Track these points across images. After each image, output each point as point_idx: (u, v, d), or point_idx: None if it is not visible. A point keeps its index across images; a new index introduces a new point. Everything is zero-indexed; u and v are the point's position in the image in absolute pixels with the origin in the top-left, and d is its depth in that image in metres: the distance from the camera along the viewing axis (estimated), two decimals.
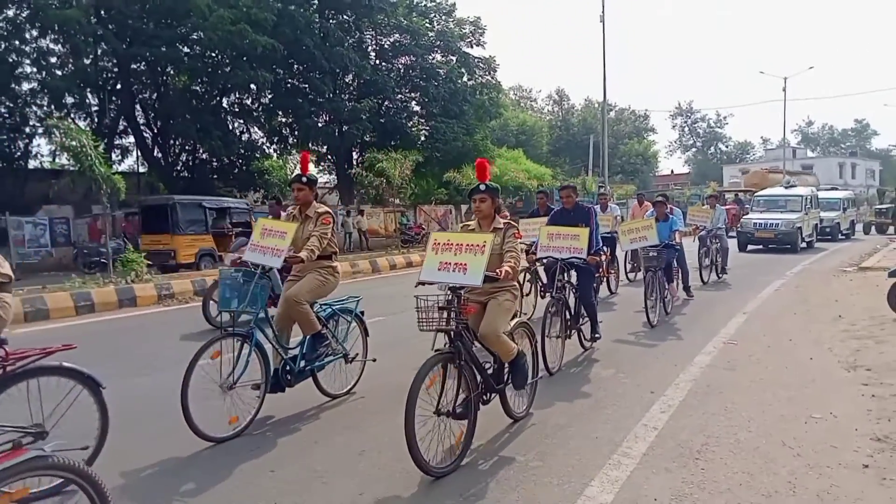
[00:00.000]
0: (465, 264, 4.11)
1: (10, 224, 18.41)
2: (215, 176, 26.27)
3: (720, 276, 13.24)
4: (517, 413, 4.80)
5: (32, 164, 23.77)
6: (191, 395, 4.29)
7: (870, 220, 31.22)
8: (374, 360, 5.75)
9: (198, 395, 4.36)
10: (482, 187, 4.60)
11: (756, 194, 24.72)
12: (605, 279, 10.74)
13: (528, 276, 9.00)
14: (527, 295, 8.89)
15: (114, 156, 23.66)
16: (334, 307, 5.49)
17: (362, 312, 5.76)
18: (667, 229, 9.50)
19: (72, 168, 16.11)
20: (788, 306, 9.97)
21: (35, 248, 19.60)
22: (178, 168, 26.11)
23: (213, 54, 23.54)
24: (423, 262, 4.34)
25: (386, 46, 30.67)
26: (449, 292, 4.07)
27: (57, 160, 23.62)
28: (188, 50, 23.32)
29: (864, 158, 68.20)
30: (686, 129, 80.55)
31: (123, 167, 25.87)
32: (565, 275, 6.61)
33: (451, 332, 4.02)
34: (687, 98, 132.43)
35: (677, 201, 40.10)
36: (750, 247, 20.41)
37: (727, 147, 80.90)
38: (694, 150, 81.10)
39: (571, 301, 6.71)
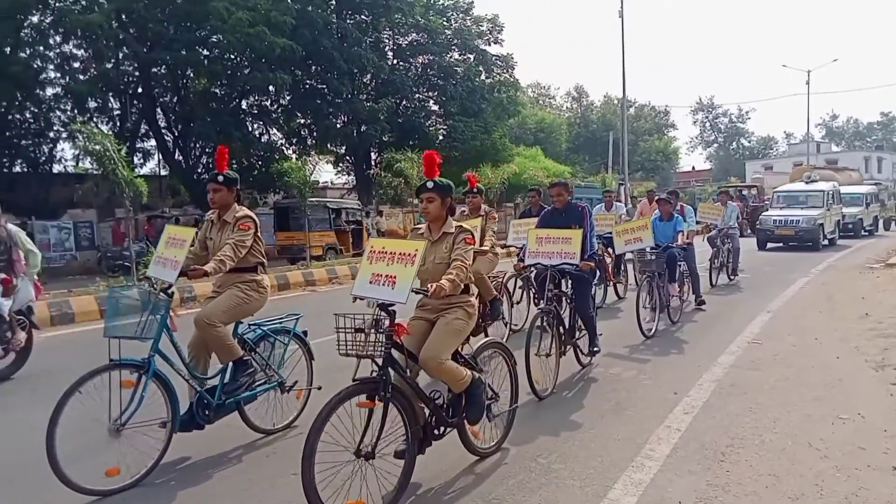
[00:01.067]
0: (395, 277, 3.54)
1: (35, 228, 18.72)
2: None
3: (731, 278, 12.39)
4: (482, 448, 4.13)
5: (57, 168, 24.16)
6: (63, 438, 3.55)
7: (891, 215, 30.53)
8: (320, 388, 4.73)
9: (73, 438, 3.67)
10: (429, 184, 3.94)
11: (776, 190, 24.08)
12: (610, 284, 10.29)
13: (519, 283, 8.19)
14: (517, 303, 8.19)
15: (136, 159, 23.94)
16: (265, 328, 4.68)
17: (305, 332, 4.90)
18: (671, 230, 8.84)
19: (95, 172, 16.31)
20: (814, 304, 9.81)
21: (60, 251, 19.92)
22: (199, 171, 26.36)
23: (232, 57, 23.72)
24: (358, 274, 3.78)
25: (403, 46, 30.72)
26: (378, 309, 3.46)
27: (80, 164, 23.92)
28: (207, 53, 23.52)
29: (890, 152, 66.93)
30: (707, 124, 79.71)
31: (145, 170, 26.19)
32: (560, 283, 5.93)
33: (377, 359, 3.39)
34: (708, 93, 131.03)
35: (699, 198, 39.73)
36: (770, 244, 19.89)
37: (749, 142, 79.93)
38: (715, 145, 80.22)
39: (567, 313, 6.05)
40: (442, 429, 3.85)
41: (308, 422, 3.43)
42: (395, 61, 30.06)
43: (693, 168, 73.15)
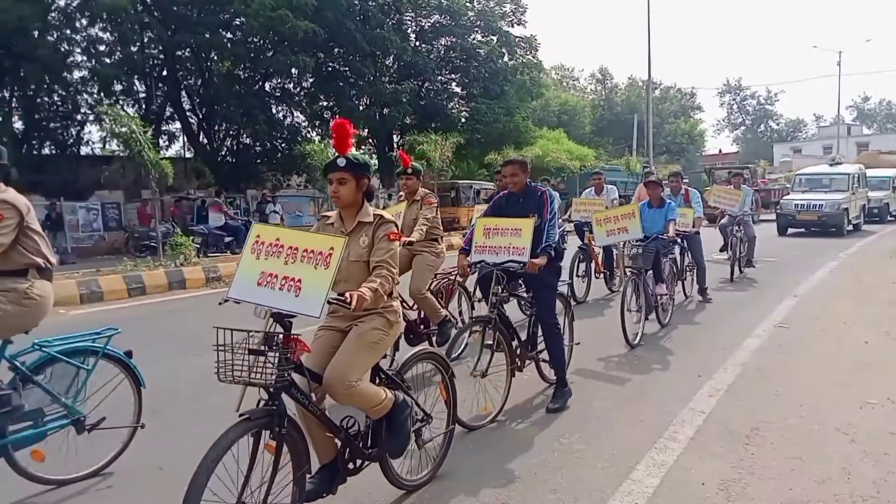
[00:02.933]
0: (300, 281, 2.75)
1: (64, 209, 19.02)
2: (259, 160, 26.67)
3: (742, 269, 11.02)
4: (408, 481, 3.46)
5: (84, 150, 24.58)
6: None
7: None
8: (143, 426, 3.88)
9: None
10: (340, 162, 3.09)
11: (798, 172, 22.98)
12: (599, 276, 9.59)
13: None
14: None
15: (161, 142, 24.21)
16: (55, 349, 3.58)
17: (128, 353, 3.86)
18: (661, 218, 7.40)
19: (122, 154, 16.56)
20: (842, 288, 9.65)
21: (88, 232, 20.22)
22: (223, 153, 26.60)
23: (256, 40, 23.79)
24: (237, 270, 2.94)
25: (426, 27, 30.52)
26: (271, 321, 2.73)
27: (107, 146, 24.31)
28: (231, 36, 23.63)
29: None
30: (735, 106, 78.33)
31: (170, 152, 26.53)
32: (515, 285, 4.92)
33: (268, 387, 2.69)
34: (736, 74, 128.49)
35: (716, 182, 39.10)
36: (791, 230, 18.92)
37: (778, 125, 78.44)
38: (743, 128, 78.87)
39: (530, 321, 5.09)
40: (359, 462, 3.20)
41: (127, 468, 3.26)
42: (417, 43, 29.89)
43: (720, 151, 71.90)
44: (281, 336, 2.73)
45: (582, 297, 8.89)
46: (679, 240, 8.21)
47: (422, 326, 5.72)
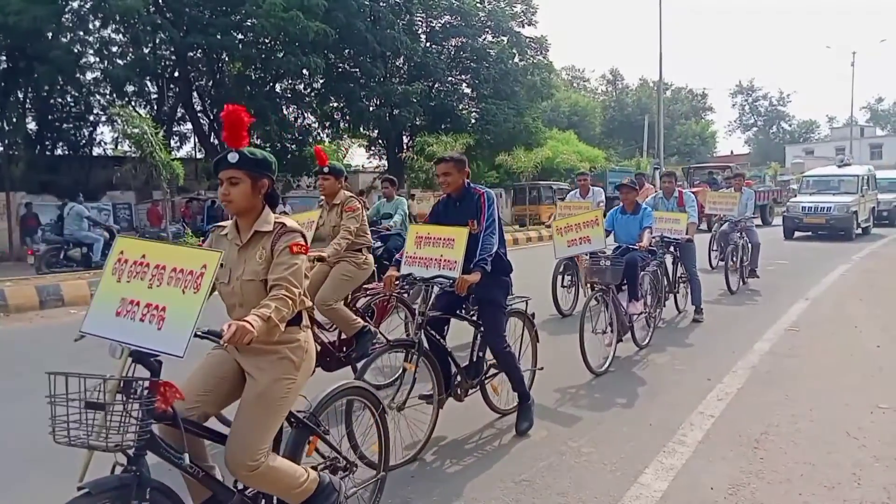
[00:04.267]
0: (164, 309, 2.19)
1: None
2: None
3: (745, 280, 10.10)
4: None
5: (96, 151, 24.73)
6: None
7: None
8: None
9: None
10: (231, 157, 2.53)
11: (805, 174, 22.37)
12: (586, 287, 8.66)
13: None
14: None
15: (172, 142, 24.35)
16: None
17: None
18: (636, 226, 6.55)
19: (133, 155, 16.68)
20: (854, 292, 9.58)
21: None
22: None
23: (267, 41, 23.87)
24: (94, 297, 2.40)
25: (436, 28, 30.53)
26: (130, 361, 2.17)
27: (119, 147, 24.49)
28: (242, 37, 23.72)
29: None
30: (746, 107, 77.86)
31: (182, 153, 26.65)
32: (454, 304, 4.23)
33: (126, 450, 2.12)
34: (748, 75, 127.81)
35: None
36: (797, 234, 18.44)
37: (790, 126, 77.90)
38: (755, 129, 78.39)
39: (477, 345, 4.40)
40: None
41: None
42: (427, 44, 29.90)
43: (731, 152, 71.56)
44: (144, 383, 2.14)
45: (568, 310, 8.09)
46: (671, 248, 7.61)
47: (344, 349, 4.96)
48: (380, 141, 31.03)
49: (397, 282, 4.22)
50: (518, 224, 26.14)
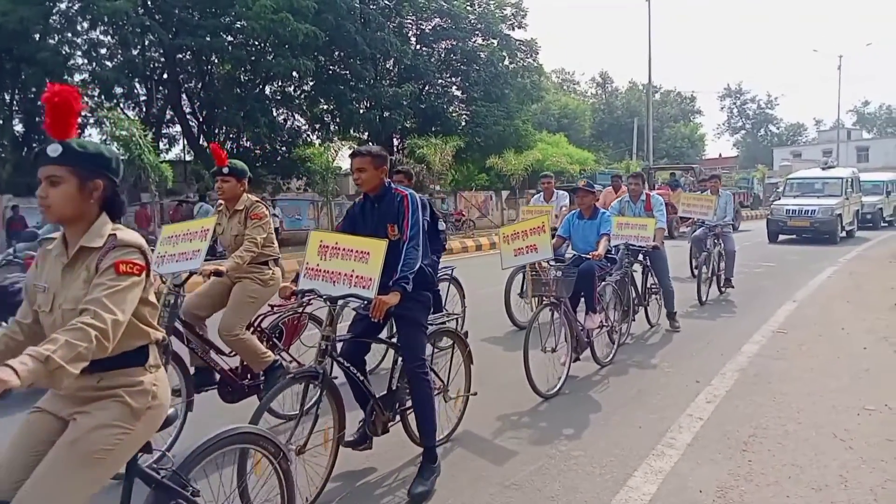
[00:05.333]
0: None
1: None
2: (258, 164, 26.74)
3: (722, 289, 9.55)
4: None
5: None
6: None
7: None
8: None
9: None
10: (53, 150, 2.04)
11: (789, 177, 22.06)
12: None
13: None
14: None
15: (161, 145, 24.24)
16: None
17: None
18: (594, 232, 6.03)
19: (121, 157, 16.57)
20: (841, 294, 9.64)
21: None
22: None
23: (256, 43, 23.83)
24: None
25: (426, 31, 30.55)
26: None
27: None
28: (232, 39, 23.66)
29: None
30: (735, 110, 78.40)
31: (170, 156, 26.55)
32: (369, 328, 3.72)
33: None
34: (736, 79, 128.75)
35: (724, 186, 39.04)
36: (781, 237, 18.10)
37: (778, 129, 78.51)
38: (743, 132, 78.93)
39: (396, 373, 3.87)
40: None
41: None
42: (418, 46, 29.93)
43: (720, 155, 72.04)
44: None
45: (526, 322, 7.27)
46: (640, 257, 7.04)
47: (248, 377, 4.36)
48: (370, 143, 30.98)
49: (294, 297, 3.66)
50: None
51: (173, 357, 3.79)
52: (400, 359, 3.74)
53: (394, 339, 3.96)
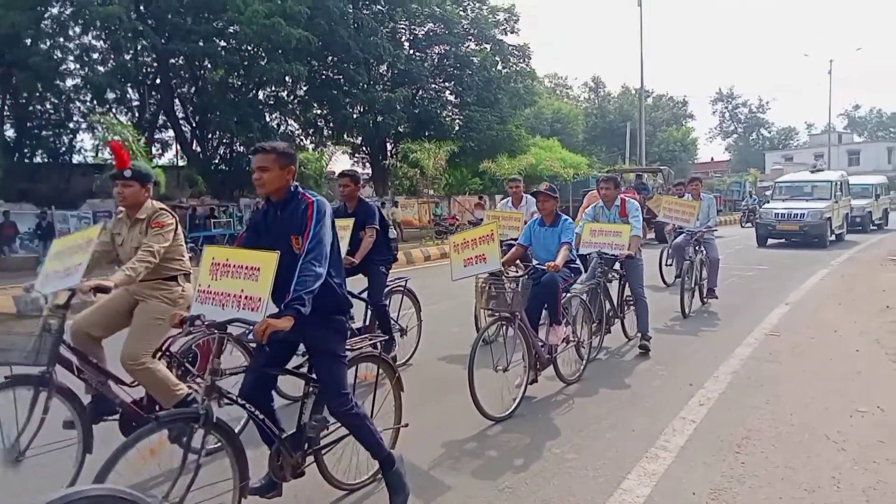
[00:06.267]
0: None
1: (56, 218, 18.92)
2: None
3: (704, 300, 8.94)
4: None
5: (76, 158, 24.51)
6: None
7: None
8: None
9: None
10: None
11: (777, 180, 21.85)
12: None
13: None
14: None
15: (154, 150, 24.13)
16: None
17: None
18: (555, 240, 5.56)
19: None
20: (833, 296, 9.69)
21: None
22: (216, 161, 26.55)
23: (249, 48, 23.79)
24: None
25: (420, 36, 30.62)
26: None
27: (100, 155, 24.23)
28: (224, 44, 23.61)
29: None
30: (727, 114, 78.80)
31: (163, 161, 26.46)
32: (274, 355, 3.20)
33: None
34: (727, 83, 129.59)
35: (717, 190, 39.15)
36: (770, 241, 17.94)
37: (770, 133, 78.93)
38: (735, 136, 79.33)
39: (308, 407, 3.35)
40: None
41: None
42: (411, 51, 29.98)
43: (712, 159, 72.38)
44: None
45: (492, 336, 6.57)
46: (615, 266, 6.59)
47: (157, 408, 3.77)
48: (363, 148, 31.01)
49: (182, 327, 3.04)
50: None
51: (59, 390, 3.35)
52: (310, 390, 3.28)
53: (303, 369, 3.49)
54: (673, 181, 21.23)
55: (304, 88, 26.67)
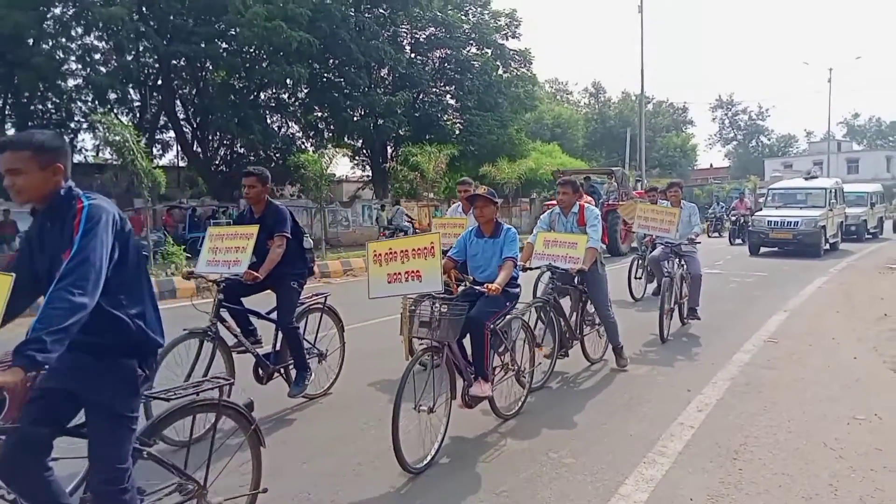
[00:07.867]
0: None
1: None
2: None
3: (685, 320, 8.05)
4: None
5: (77, 158, 24.44)
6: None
7: None
8: None
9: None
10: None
11: (771, 187, 21.33)
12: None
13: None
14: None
15: (155, 150, 24.19)
16: None
17: None
18: (496, 255, 4.63)
19: (115, 162, 16.53)
20: (832, 304, 9.71)
21: None
22: (217, 162, 26.58)
23: (251, 50, 23.85)
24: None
25: (421, 40, 30.68)
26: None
27: (100, 155, 24.26)
28: (226, 46, 23.68)
29: None
30: (726, 121, 78.81)
31: (164, 161, 26.49)
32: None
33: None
34: (727, 90, 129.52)
35: (716, 196, 39.13)
36: (763, 249, 17.56)
37: (769, 140, 78.96)
38: (734, 143, 79.36)
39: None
40: None
41: None
42: (412, 55, 30.02)
43: (711, 165, 72.50)
44: None
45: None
46: (575, 282, 5.88)
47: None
48: (364, 151, 31.04)
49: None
50: None
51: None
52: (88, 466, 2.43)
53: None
54: (628, 185, 19.91)
55: (305, 91, 26.71)
